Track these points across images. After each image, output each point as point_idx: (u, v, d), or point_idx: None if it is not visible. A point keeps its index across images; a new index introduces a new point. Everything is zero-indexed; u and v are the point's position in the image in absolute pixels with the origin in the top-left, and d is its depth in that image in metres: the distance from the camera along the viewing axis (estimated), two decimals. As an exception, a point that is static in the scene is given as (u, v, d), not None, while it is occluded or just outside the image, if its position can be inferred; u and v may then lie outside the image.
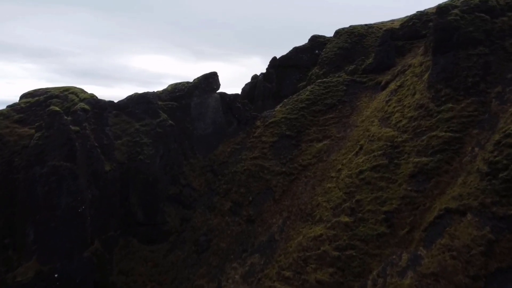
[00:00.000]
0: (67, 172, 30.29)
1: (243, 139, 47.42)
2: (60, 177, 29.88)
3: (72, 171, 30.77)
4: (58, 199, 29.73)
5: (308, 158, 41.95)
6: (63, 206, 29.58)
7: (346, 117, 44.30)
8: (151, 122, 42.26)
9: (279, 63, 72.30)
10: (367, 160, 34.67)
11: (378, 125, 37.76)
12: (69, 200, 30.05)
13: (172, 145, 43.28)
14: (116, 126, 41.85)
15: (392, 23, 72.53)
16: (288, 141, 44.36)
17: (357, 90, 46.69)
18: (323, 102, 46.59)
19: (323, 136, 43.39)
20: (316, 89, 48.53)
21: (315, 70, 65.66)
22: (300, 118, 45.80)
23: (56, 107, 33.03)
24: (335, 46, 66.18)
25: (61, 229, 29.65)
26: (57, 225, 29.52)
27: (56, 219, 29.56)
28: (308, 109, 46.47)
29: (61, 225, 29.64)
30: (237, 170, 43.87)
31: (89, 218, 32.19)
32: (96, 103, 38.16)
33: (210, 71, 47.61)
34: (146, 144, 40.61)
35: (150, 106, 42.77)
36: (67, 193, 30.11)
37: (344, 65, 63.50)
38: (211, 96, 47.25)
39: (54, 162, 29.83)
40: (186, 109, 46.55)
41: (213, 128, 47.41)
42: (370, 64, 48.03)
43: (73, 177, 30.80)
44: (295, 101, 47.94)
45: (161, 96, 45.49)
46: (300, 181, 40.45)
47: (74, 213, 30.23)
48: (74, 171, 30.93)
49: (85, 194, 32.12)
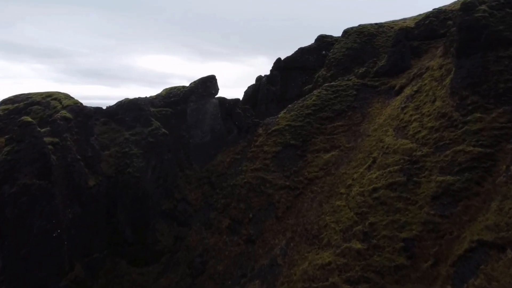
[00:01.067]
0: (40, 191, 26.64)
1: (244, 148, 43.57)
2: (32, 197, 26.26)
3: (47, 189, 27.11)
4: (30, 222, 26.10)
5: (314, 170, 37.99)
6: (35, 230, 25.94)
7: (356, 125, 40.27)
8: (142, 130, 38.55)
9: (283, 64, 68.33)
10: (381, 176, 30.64)
11: (393, 136, 33.71)
12: (43, 223, 26.38)
13: (166, 155, 39.53)
14: (104, 135, 38.21)
15: (404, 21, 68.36)
16: (292, 151, 40.44)
17: (369, 95, 42.64)
18: (331, 108, 42.59)
19: (331, 146, 39.41)
20: (323, 93, 44.53)
21: (322, 72, 61.72)
22: (306, 125, 41.84)
23: (28, 118, 29.41)
24: (344, 46, 62.25)
25: (33, 257, 26.01)
26: (29, 252, 25.87)
27: (27, 245, 25.92)
28: (314, 115, 42.49)
29: (33, 252, 25.99)
30: (237, 183, 40.01)
31: (67, 241, 28.52)
32: (80, 110, 34.52)
33: (208, 74, 43.89)
34: (136, 155, 36.90)
35: (141, 113, 39.06)
36: (40, 215, 26.45)
37: (353, 66, 59.58)
38: (209, 102, 43.46)
39: (26, 180, 26.24)
40: (182, 115, 42.78)
41: (211, 136, 43.61)
42: (383, 66, 43.92)
43: (48, 196, 27.14)
44: (301, 106, 43.97)
45: (154, 102, 41.77)
46: (306, 196, 36.50)
47: (48, 238, 26.56)
48: (49, 190, 27.26)
49: (63, 215, 28.44)
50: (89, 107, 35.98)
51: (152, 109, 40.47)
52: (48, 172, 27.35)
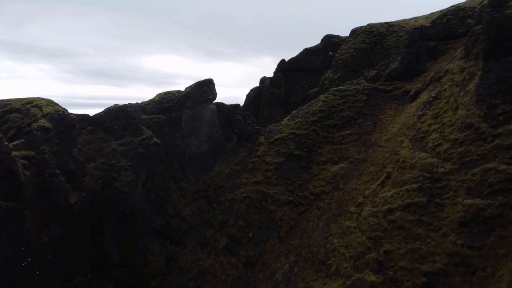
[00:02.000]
0: (7, 214, 23.27)
1: (244, 159, 40.04)
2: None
3: (15, 212, 23.74)
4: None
5: (321, 184, 34.39)
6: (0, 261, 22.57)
7: (367, 133, 36.62)
8: (131, 140, 35.14)
9: (288, 66, 64.78)
10: (397, 195, 26.99)
11: (410, 148, 30.03)
12: (9, 252, 22.95)
13: (158, 167, 36.09)
14: (90, 145, 34.86)
15: (415, 20, 64.55)
16: (296, 162, 36.86)
17: (380, 100, 38.94)
18: (339, 114, 38.94)
19: (339, 157, 35.78)
20: (330, 98, 40.89)
21: (329, 74, 58.13)
22: (312, 134, 38.24)
23: (-6, 130, 26.15)
24: (352, 47, 58.64)
25: (-2, 291, 22.67)
26: (-8, 286, 22.53)
27: (-9, 278, 22.60)
28: (321, 123, 38.87)
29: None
30: (236, 197, 36.50)
31: (41, 270, 25.13)
32: (61, 119, 31.15)
33: (205, 78, 40.41)
34: (124, 167, 33.49)
35: (130, 121, 35.65)
36: (7, 242, 23.05)
37: (362, 68, 55.99)
38: (206, 108, 39.97)
39: (-10, 202, 22.93)
40: (176, 123, 39.32)
41: (208, 145, 40.12)
42: (396, 69, 40.20)
43: (17, 220, 23.78)
44: (306, 113, 40.36)
45: (146, 108, 38.34)
46: (311, 214, 32.92)
47: (15, 269, 23.18)
48: (18, 212, 23.89)
49: (35, 240, 25.05)
50: (72, 116, 32.51)
51: (143, 117, 37.03)
52: (17, 192, 23.97)
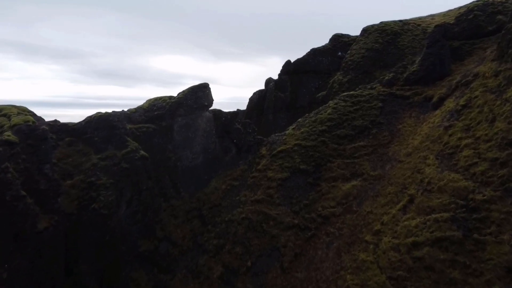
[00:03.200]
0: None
1: (243, 173, 35.63)
2: None
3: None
4: None
5: (330, 205, 29.88)
6: None
7: (383, 146, 32.04)
8: (114, 154, 30.90)
9: (294, 68, 60.28)
10: (423, 224, 22.41)
11: (436, 166, 25.43)
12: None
13: (145, 184, 31.81)
14: (67, 159, 30.68)
15: (432, 18, 59.74)
16: (302, 178, 32.36)
17: (398, 107, 34.32)
18: (351, 124, 34.37)
19: (351, 173, 31.22)
20: (341, 105, 36.33)
21: (338, 76, 53.58)
22: (320, 146, 33.72)
23: None
24: (363, 47, 54.03)
25: None
26: None
27: None
28: (330, 133, 34.34)
29: None
30: (233, 218, 32.08)
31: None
32: (30, 131, 27.01)
33: (200, 83, 36.01)
34: (105, 185, 29.25)
35: (113, 132, 31.40)
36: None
37: (374, 70, 51.36)
38: (201, 116, 35.64)
39: None
40: (167, 133, 35.04)
41: (203, 158, 35.79)
42: (415, 72, 35.55)
43: (-37, 257, 19.73)
44: (313, 121, 35.85)
45: (132, 117, 34.08)
46: (320, 240, 28.42)
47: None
48: (-36, 248, 19.83)
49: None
50: (44, 127, 28.28)
51: (129, 126, 32.73)
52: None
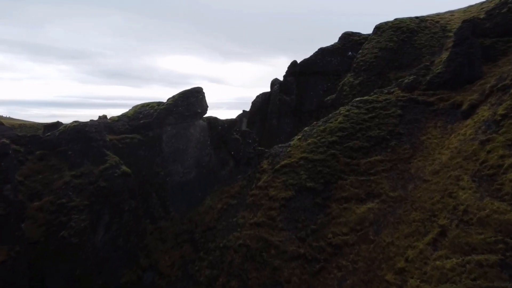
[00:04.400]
0: None
1: (242, 190, 31.21)
2: None
3: None
4: None
5: (342, 231, 25.33)
6: None
7: (404, 161, 27.41)
8: (90, 170, 26.64)
9: (300, 69, 55.71)
10: (462, 267, 17.81)
11: (474, 190, 20.78)
12: None
13: (127, 204, 27.52)
14: (36, 177, 26.48)
15: (451, 14, 54.80)
16: (309, 198, 27.85)
17: (420, 115, 29.64)
18: (366, 134, 29.78)
19: (366, 194, 26.65)
20: (354, 112, 31.76)
21: (348, 78, 49.01)
22: (329, 159, 29.19)
23: None
24: (376, 46, 49.41)
25: None
26: None
27: None
28: (341, 145, 29.79)
29: None
30: (229, 244, 27.66)
31: None
32: (-12, 146, 22.80)
33: (192, 87, 31.64)
34: (78, 208, 25.00)
35: (90, 145, 27.15)
36: None
37: (388, 71, 46.74)
38: (194, 124, 31.29)
39: None
40: (155, 144, 30.73)
41: (196, 172, 31.45)
42: (440, 74, 30.83)
43: None
44: (322, 131, 31.32)
45: (114, 126, 29.79)
46: (330, 276, 23.88)
47: None
48: None
49: None
50: (4, 140, 24.07)
51: (109, 138, 28.45)
52: None
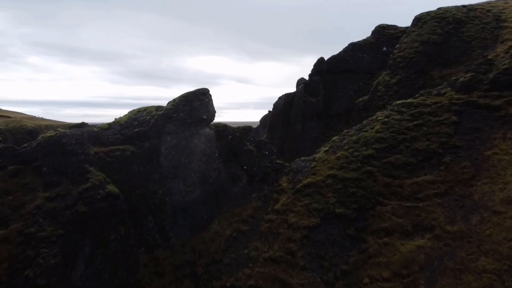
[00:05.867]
0: None
1: (256, 212, 25.69)
2: None
3: None
4: None
5: (383, 276, 19.40)
6: None
7: (463, 183, 21.14)
8: (68, 190, 21.77)
9: (328, 67, 49.64)
10: None
11: None
12: None
13: (115, 232, 22.52)
14: (5, 198, 21.91)
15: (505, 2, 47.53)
16: (339, 228, 22.02)
17: (482, 123, 23.23)
18: (411, 147, 23.63)
19: (414, 225, 20.57)
20: (394, 118, 25.65)
21: (384, 77, 42.71)
22: (365, 179, 23.22)
23: None
24: (416, 39, 42.91)
25: None
26: None
27: None
28: (379, 160, 23.76)
29: None
30: (238, 284, 22.16)
31: None
32: None
33: (196, 88, 26.29)
34: (49, 240, 20.17)
35: (69, 160, 22.28)
36: None
37: (431, 69, 40.15)
38: (199, 133, 26.01)
39: None
40: (152, 157, 25.62)
41: (202, 191, 26.16)
42: (508, 70, 24.24)
43: None
44: (354, 142, 25.36)
45: (102, 136, 24.83)
46: (367, 338, 18.01)
47: None
48: None
49: None
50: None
51: (94, 150, 23.49)
52: None
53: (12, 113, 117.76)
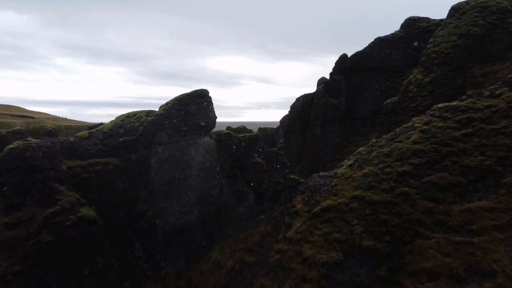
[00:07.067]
0: None
1: (265, 239, 21.22)
2: None
3: None
4: None
5: (426, 337, 14.58)
6: None
7: (532, 212, 16.09)
8: (32, 215, 17.81)
9: (351, 64, 44.65)
10: None
11: None
12: None
13: (90, 264, 18.45)
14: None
15: (557, -12, 41.58)
16: (367, 267, 17.30)
17: (554, 133, 18.07)
18: (459, 163, 18.67)
19: (467, 268, 15.67)
20: (436, 126, 20.69)
21: (416, 75, 37.55)
22: (400, 203, 18.41)
23: None
24: (453, 32, 37.61)
25: None
26: None
27: None
28: (418, 178, 18.88)
29: None
30: (239, 333, 17.75)
31: None
32: None
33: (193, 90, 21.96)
34: (3, 279, 16.19)
35: (34, 178, 18.30)
36: None
37: (472, 66, 34.90)
38: (196, 143, 21.71)
39: None
40: (140, 172, 21.46)
41: (200, 212, 21.87)
42: None
43: None
44: (385, 155, 20.53)
45: (80, 147, 20.78)
46: None
47: None
48: None
49: None
50: None
51: (68, 164, 19.48)
52: None
53: (38, 113, 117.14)
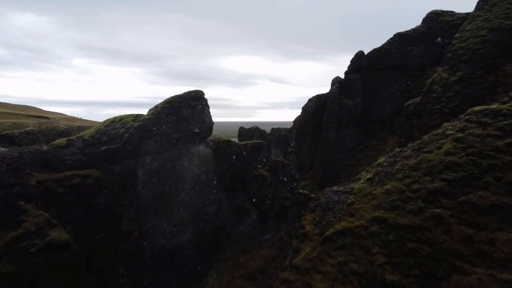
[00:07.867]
0: None
1: (268, 265, 18.18)
2: None
3: None
4: None
5: None
6: None
7: None
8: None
9: (368, 62, 41.20)
10: None
11: None
12: None
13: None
14: None
15: None
16: (392, 307, 14.06)
17: None
18: (503, 178, 15.32)
19: (521, 316, 12.38)
20: (473, 134, 17.34)
21: (440, 74, 34.04)
22: (431, 227, 15.16)
23: None
24: (482, 26, 34.10)
25: None
26: None
27: None
28: (453, 197, 15.60)
29: None
30: None
31: None
32: None
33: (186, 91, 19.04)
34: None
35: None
36: None
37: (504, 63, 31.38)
38: (189, 152, 18.79)
39: None
40: (125, 186, 18.61)
41: (194, 231, 18.96)
42: None
43: None
44: (412, 168, 17.27)
45: (56, 157, 18.03)
46: None
47: None
48: None
49: None
50: None
51: (39, 178, 16.75)
52: None
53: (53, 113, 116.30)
